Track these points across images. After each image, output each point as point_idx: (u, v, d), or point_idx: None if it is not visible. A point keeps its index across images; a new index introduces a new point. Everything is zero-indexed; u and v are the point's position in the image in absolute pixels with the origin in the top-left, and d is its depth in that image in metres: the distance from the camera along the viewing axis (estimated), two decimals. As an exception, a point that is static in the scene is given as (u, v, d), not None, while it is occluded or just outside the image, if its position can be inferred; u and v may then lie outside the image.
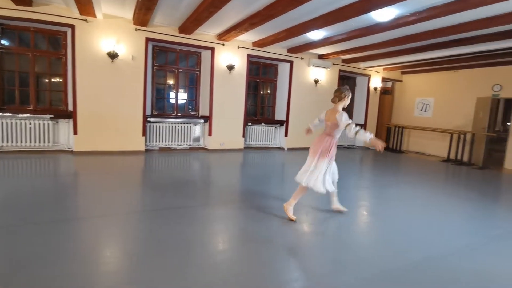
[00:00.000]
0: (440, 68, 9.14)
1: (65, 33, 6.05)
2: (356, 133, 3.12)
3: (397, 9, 4.62)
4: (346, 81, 10.29)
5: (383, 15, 4.86)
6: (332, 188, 3.32)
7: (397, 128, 9.98)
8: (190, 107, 7.94)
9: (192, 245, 2.60)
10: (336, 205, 3.60)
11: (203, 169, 5.96)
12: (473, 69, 8.56)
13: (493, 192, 5.51)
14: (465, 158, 8.14)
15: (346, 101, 3.52)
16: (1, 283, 1.90)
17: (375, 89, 10.24)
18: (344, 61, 9.23)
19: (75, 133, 6.09)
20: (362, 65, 9.67)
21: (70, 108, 6.16)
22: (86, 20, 5.84)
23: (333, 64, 9.07)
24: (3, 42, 5.79)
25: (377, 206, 4.17)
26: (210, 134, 7.55)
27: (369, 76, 10.03)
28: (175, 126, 7.36)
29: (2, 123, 5.66)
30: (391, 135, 10.21)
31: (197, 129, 7.77)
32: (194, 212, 3.37)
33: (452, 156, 8.45)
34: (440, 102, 9.50)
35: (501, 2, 3.92)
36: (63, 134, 6.30)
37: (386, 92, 10.93)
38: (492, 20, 4.73)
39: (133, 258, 2.32)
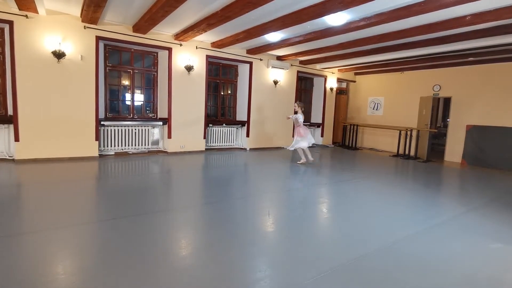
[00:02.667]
0: (388, 70, 9.84)
1: (2, 29, 5.46)
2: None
3: (348, 14, 4.88)
4: (304, 81, 10.63)
5: (335, 19, 5.11)
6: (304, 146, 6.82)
7: (352, 126, 10.55)
8: (147, 109, 7.64)
9: (154, 253, 2.50)
10: (309, 157, 6.86)
11: (163, 173, 5.77)
12: (417, 70, 9.36)
13: (435, 183, 6.06)
14: (412, 153, 8.86)
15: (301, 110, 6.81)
16: None
17: (331, 89, 10.71)
18: (301, 62, 9.53)
19: (16, 139, 5.53)
20: (318, 66, 10.06)
21: (10, 112, 5.59)
22: (26, 16, 5.34)
23: (291, 65, 9.31)
24: None
25: (334, 201, 4.37)
26: (169, 136, 7.33)
27: (325, 77, 10.46)
28: (132, 129, 7.03)
29: None
30: (347, 133, 10.76)
31: (155, 132, 7.50)
32: (154, 218, 3.25)
33: (401, 151, 9.14)
34: (389, 101, 10.24)
35: (438, 11, 4.34)
36: (2, 141, 5.70)
37: (341, 92, 11.49)
38: (431, 26, 5.20)
39: (88, 273, 2.18)
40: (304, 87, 10.70)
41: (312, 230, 3.28)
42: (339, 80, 11.01)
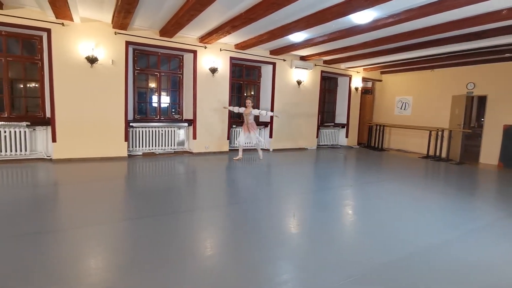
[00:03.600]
0: (417, 68, 9.46)
1: (41, 37, 5.84)
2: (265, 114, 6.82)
3: (375, 11, 4.75)
4: (328, 81, 10.47)
5: (362, 17, 4.99)
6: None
7: (378, 127, 10.24)
8: (173, 110, 7.84)
9: (181, 252, 2.56)
10: (240, 154, 6.99)
11: (188, 173, 5.90)
12: (449, 68, 8.91)
13: (470, 186, 5.74)
14: (443, 154, 8.45)
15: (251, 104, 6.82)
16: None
17: (356, 89, 10.47)
18: (325, 62, 9.39)
19: (53, 140, 5.88)
20: (343, 65, 9.87)
21: (48, 114, 5.95)
22: (62, 24, 5.67)
23: (315, 65, 9.20)
24: (-28, 46, 5.53)
25: (361, 204, 4.26)
26: (194, 137, 7.48)
27: (350, 77, 10.24)
28: (159, 130, 7.25)
29: (-26, 132, 5.39)
30: (372, 133, 10.46)
31: (181, 133, 7.68)
32: (180, 218, 3.33)
33: (431, 152, 8.74)
34: (418, 101, 9.83)
35: (472, 5, 4.12)
36: (40, 142, 6.08)
37: (366, 92, 11.20)
38: (464, 21, 4.94)
39: (120, 270, 2.27)
40: (328, 87, 10.54)
41: (339, 233, 3.22)
42: (365, 80, 10.74)
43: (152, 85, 7.46)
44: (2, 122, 5.61)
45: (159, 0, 4.83)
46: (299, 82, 8.95)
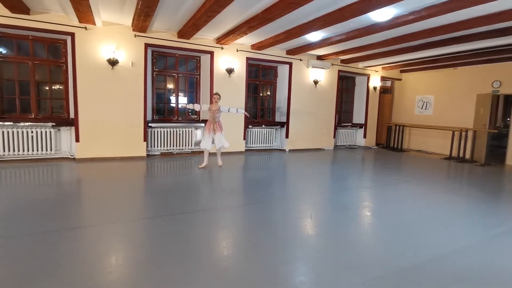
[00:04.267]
0: (439, 66, 9.14)
1: (65, 41, 6.07)
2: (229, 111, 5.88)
3: (395, 9, 4.64)
4: (346, 81, 10.31)
5: (381, 15, 4.88)
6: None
7: (397, 127, 9.98)
8: (190, 111, 7.95)
9: (198, 251, 2.60)
10: (205, 159, 5.94)
11: (205, 173, 5.95)
12: (473, 66, 8.57)
13: (495, 189, 5.50)
14: (467, 155, 8.13)
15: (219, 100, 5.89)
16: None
17: (375, 88, 10.25)
18: (343, 61, 9.25)
19: (77, 140, 6.10)
20: (361, 64, 9.69)
21: (72, 115, 6.18)
22: (85, 28, 5.87)
23: (332, 64, 9.08)
24: (0, 50, 5.80)
25: (380, 206, 4.16)
26: (211, 137, 7.55)
27: (368, 76, 10.04)
28: (176, 131, 7.37)
29: (3, 132, 5.67)
30: (391, 133, 10.22)
31: (198, 133, 7.77)
32: (197, 217, 3.37)
33: (454, 153, 8.44)
34: (440, 100, 9.51)
35: (496, 1, 3.93)
36: (65, 142, 6.32)
37: (385, 91, 10.95)
38: (489, 17, 4.74)
39: (140, 267, 2.33)
40: (345, 86, 10.38)
41: (357, 235, 3.16)
42: (383, 79, 10.49)
43: (170, 86, 7.60)
44: (29, 123, 5.87)
45: (177, 3, 4.91)
46: (315, 82, 8.86)
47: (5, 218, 3.17)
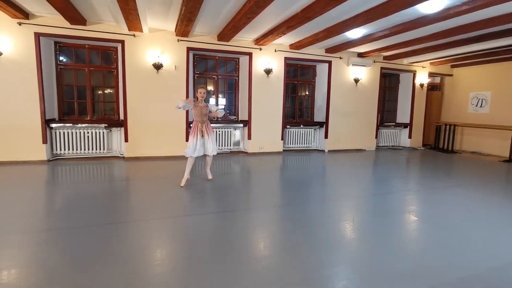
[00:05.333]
0: (497, 59, 8.32)
1: (116, 48, 6.55)
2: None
3: (446, -1, 4.31)
4: (389, 78, 9.81)
5: (430, 7, 4.56)
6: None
7: (448, 126, 9.26)
8: (229, 111, 8.12)
9: (238, 249, 2.64)
10: (187, 174, 4.70)
11: (243, 173, 6.04)
12: (538, 58, 7.67)
13: None
14: (531, 158, 7.29)
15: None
16: (65, 282, 2.10)
17: (422, 85, 9.62)
18: (386, 58, 8.82)
19: (126, 140, 6.55)
20: (406, 61, 9.16)
21: (122, 117, 6.64)
22: (134, 35, 6.27)
23: (374, 61, 8.70)
24: (61, 58, 6.42)
25: (428, 211, 3.89)
26: (249, 138, 7.65)
27: (414, 72, 9.46)
28: (216, 131, 7.56)
29: (64, 132, 6.28)
30: (441, 133, 9.51)
31: (236, 133, 7.92)
32: (236, 216, 3.44)
33: (514, 155, 7.62)
34: (498, 96, 8.64)
35: None
36: (115, 142, 6.82)
37: (434, 88, 10.22)
38: (561, 2, 4.21)
39: (186, 262, 2.43)
40: (388, 84, 9.87)
41: (404, 241, 2.99)
42: (432, 75, 9.81)
43: (210, 87, 7.83)
44: (86, 124, 6.42)
45: (218, 7, 5.05)
46: (356, 80, 8.56)
47: (66, 211, 3.51)
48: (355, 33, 6.21)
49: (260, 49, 7.38)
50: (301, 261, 2.47)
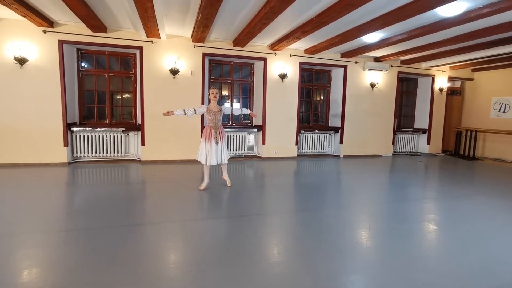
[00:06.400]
0: (521, 63, 8.01)
1: (134, 54, 6.73)
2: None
3: (467, 2, 4.20)
4: (406, 83, 9.61)
5: (450, 10, 4.45)
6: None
7: (469, 132, 8.95)
8: (243, 116, 8.15)
9: (251, 255, 2.63)
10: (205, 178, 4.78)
11: (257, 177, 6.03)
12: None
13: None
14: (560, 166, 6.93)
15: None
16: (83, 282, 2.15)
17: (441, 90, 9.36)
18: (403, 62, 8.66)
19: (142, 144, 6.68)
20: (424, 65, 8.96)
21: (139, 121, 6.79)
22: (152, 42, 6.43)
23: (391, 66, 8.56)
24: (83, 64, 6.66)
25: (448, 219, 3.76)
26: (263, 142, 7.65)
27: (433, 77, 9.23)
28: (230, 136, 7.61)
29: (84, 136, 6.48)
30: (461, 139, 9.20)
31: (251, 138, 7.94)
32: (250, 221, 3.42)
33: (541, 163, 7.27)
34: (523, 101, 8.30)
35: None
36: (133, 145, 6.97)
37: (454, 93, 9.93)
38: None
39: (200, 265, 2.44)
40: (406, 89, 9.67)
41: (422, 250, 2.90)
42: (451, 79, 9.54)
43: (225, 92, 7.90)
44: (104, 128, 6.61)
45: (233, 13, 5.11)
46: (372, 85, 8.43)
47: (85, 212, 3.60)
48: (371, 38, 6.13)
49: (275, 54, 7.41)
50: (315, 268, 2.43)
